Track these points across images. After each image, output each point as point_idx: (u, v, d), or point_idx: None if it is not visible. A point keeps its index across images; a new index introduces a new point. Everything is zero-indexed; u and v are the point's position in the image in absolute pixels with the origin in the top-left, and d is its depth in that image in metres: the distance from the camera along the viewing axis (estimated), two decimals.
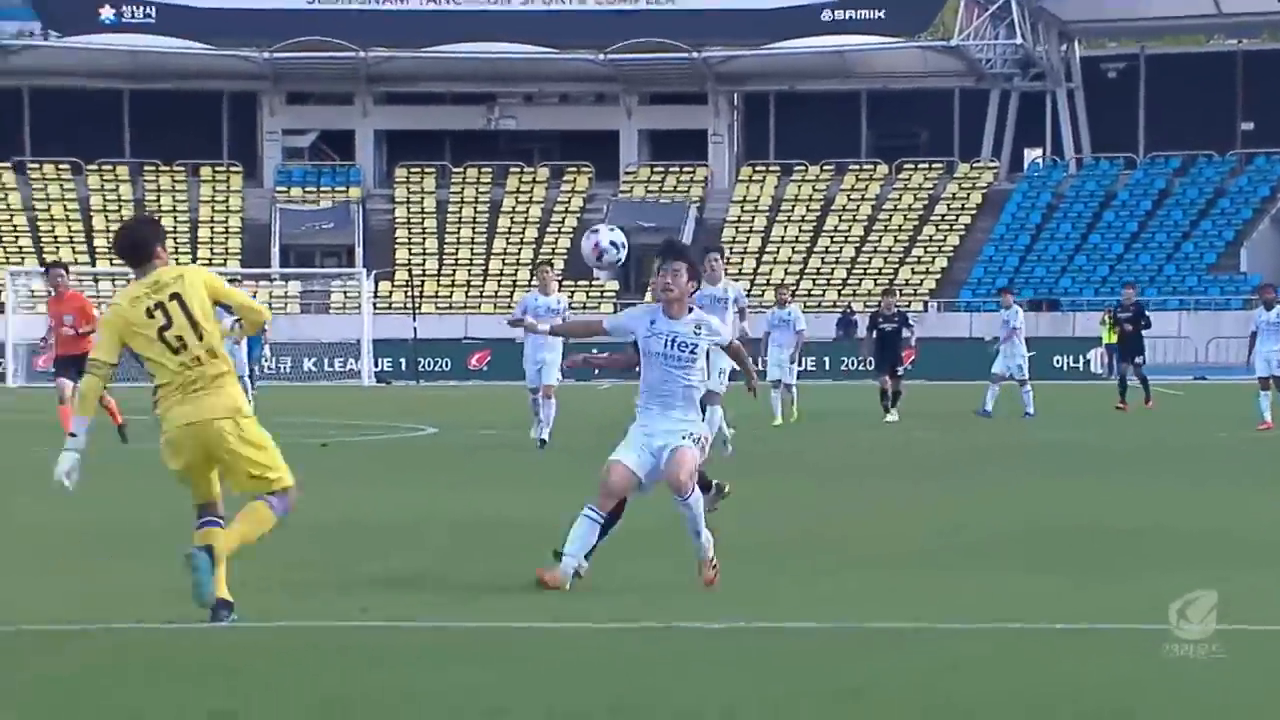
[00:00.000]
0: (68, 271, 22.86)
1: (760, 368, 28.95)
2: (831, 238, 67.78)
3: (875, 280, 63.39)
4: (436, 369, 56.83)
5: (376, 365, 55.71)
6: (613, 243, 11.21)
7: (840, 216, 68.62)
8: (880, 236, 67.44)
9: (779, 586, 10.43)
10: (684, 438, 10.29)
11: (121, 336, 9.16)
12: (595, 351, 10.77)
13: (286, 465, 9.14)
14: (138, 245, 9.19)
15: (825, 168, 70.03)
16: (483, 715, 6.82)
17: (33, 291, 60.99)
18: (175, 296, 9.07)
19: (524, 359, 22.69)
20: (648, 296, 57.05)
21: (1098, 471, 19.39)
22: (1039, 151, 71.13)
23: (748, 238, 68.18)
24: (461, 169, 70.77)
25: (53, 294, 22.46)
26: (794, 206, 69.15)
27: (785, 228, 68.33)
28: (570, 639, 8.64)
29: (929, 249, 66.66)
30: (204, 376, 9.06)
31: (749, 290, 62.47)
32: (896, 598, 9.87)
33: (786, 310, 29.00)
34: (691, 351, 10.34)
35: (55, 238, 68.19)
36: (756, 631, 8.72)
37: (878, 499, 15.99)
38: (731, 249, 67.30)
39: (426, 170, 70.76)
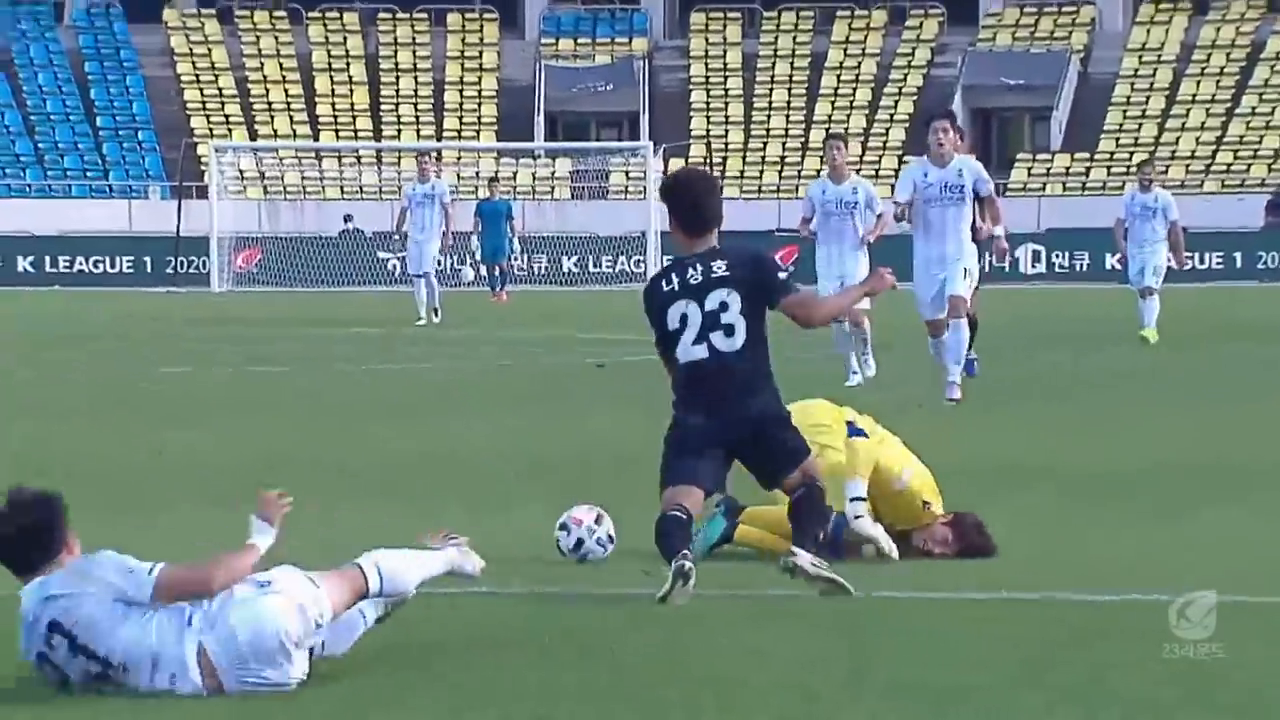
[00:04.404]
0: None
1: (1120, 266, 29.32)
2: (1261, 95, 62.38)
3: None
4: None
5: None
6: (599, 540, 9.94)
7: (1273, 68, 63.08)
8: None
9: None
10: None
11: None
12: None
13: None
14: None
15: (1253, 4, 64.64)
16: (845, 679, 7.81)
17: (242, 173, 60.90)
18: None
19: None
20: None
21: None
22: None
23: (1147, 97, 63.30)
24: (775, 13, 66.85)
25: None
26: (1210, 55, 63.74)
27: (1198, 83, 63.23)
28: (883, 609, 9.39)
29: None
30: None
31: (1166, 169, 57.16)
32: None
33: (1152, 194, 27.92)
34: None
35: (269, 104, 65.32)
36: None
37: None
38: (1125, 113, 63.19)
39: (730, 15, 67.11)
